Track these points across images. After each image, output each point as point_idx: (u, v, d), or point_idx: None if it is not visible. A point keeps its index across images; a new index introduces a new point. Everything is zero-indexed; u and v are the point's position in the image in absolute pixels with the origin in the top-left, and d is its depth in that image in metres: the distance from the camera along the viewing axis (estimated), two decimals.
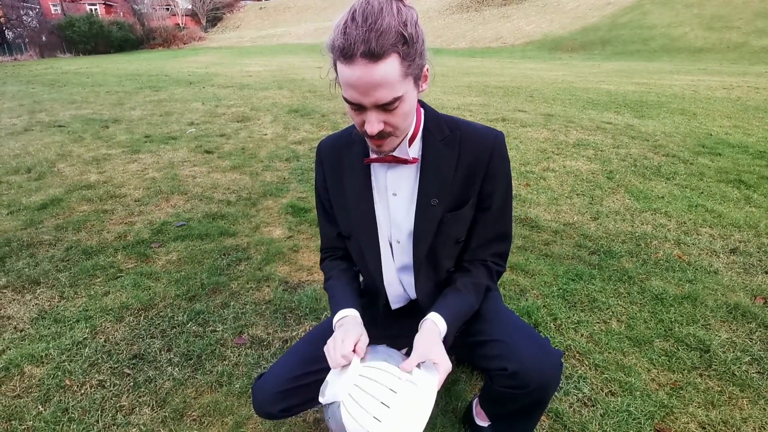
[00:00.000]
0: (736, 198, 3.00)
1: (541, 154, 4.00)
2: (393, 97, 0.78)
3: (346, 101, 0.82)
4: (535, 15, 24.87)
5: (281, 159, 4.07)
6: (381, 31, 0.72)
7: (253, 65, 14.93)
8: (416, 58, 0.78)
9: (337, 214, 1.08)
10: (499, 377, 0.96)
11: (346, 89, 0.80)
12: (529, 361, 0.91)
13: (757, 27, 17.01)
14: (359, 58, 0.73)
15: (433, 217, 0.97)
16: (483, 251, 1.04)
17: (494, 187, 0.98)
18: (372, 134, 0.83)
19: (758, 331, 1.71)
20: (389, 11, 0.73)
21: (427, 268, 1.05)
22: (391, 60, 0.75)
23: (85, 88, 9.22)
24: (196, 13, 42.56)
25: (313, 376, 1.04)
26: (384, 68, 0.74)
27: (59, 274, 2.20)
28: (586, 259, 2.27)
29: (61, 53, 32.36)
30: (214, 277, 2.16)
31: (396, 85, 0.77)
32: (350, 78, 0.77)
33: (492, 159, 0.95)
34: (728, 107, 6.12)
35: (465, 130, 0.97)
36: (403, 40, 0.74)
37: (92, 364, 1.60)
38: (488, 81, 9.27)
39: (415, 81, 0.82)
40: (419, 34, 0.78)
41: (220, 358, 1.63)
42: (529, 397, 0.95)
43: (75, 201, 3.11)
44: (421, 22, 0.80)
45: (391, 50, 0.74)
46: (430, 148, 0.95)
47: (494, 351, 0.97)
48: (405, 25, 0.74)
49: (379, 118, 0.81)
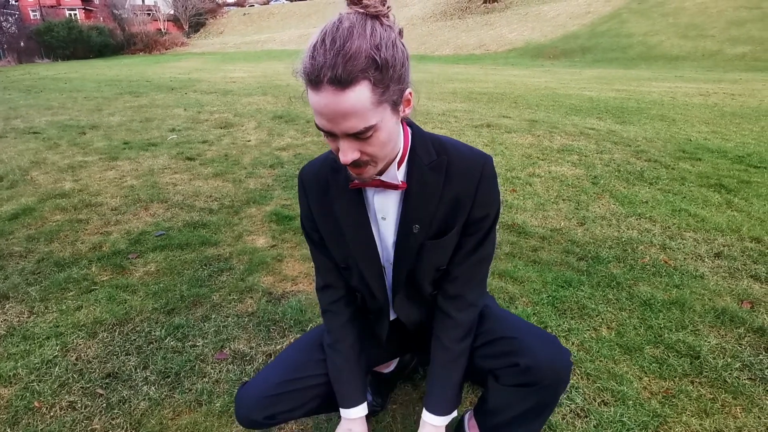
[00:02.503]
0: (718, 202, 3.04)
1: (527, 160, 4.01)
2: (364, 127, 0.73)
3: (318, 128, 0.77)
4: (517, 23, 25.26)
5: (265, 166, 4.00)
6: (349, 55, 0.67)
7: (236, 71, 14.79)
8: (391, 84, 0.72)
9: (330, 244, 1.02)
10: (508, 374, 0.92)
11: (316, 116, 0.75)
12: (542, 356, 0.88)
13: (731, 35, 17.55)
14: (326, 85, 0.68)
15: (413, 243, 0.93)
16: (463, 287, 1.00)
17: (484, 213, 0.94)
18: (347, 163, 0.78)
19: (747, 336, 1.71)
20: (361, 33, 0.68)
21: (407, 290, 1.03)
22: (361, 87, 0.69)
23: (62, 93, 9.00)
24: (178, 18, 42.11)
25: (300, 382, 1.02)
26: (353, 96, 0.69)
27: (29, 287, 2.10)
28: (575, 265, 2.26)
29: (39, 59, 31.62)
30: (195, 288, 2.08)
31: (367, 113, 0.72)
32: (318, 105, 0.72)
33: (480, 187, 0.91)
34: (706, 113, 6.26)
35: (452, 154, 0.92)
36: (374, 65, 0.69)
37: (62, 384, 1.51)
38: (473, 87, 9.33)
39: (394, 107, 0.76)
40: (397, 57, 0.72)
41: (199, 375, 1.55)
42: (538, 396, 0.90)
43: (48, 210, 2.99)
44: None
45: (361, 77, 0.68)
46: (417, 173, 0.90)
47: (502, 348, 0.94)
48: (378, 48, 0.68)
49: (353, 147, 0.76)
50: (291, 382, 1.01)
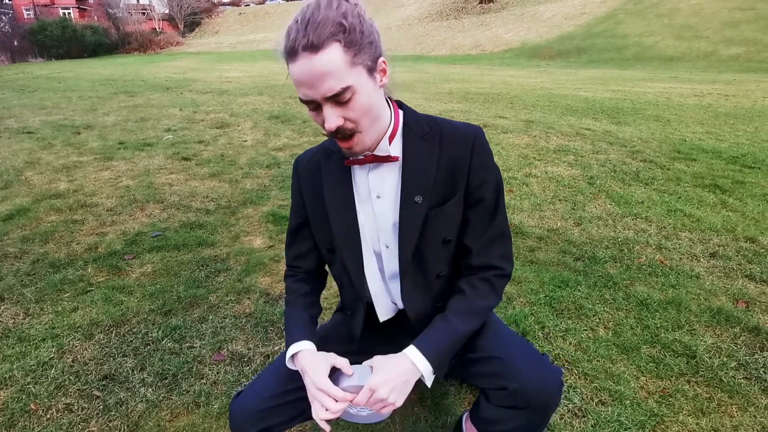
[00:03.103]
0: (713, 202, 3.06)
1: (523, 160, 4.02)
2: (341, 87, 0.77)
3: (302, 101, 0.81)
4: (513, 23, 25.33)
5: (262, 166, 3.99)
6: (318, 23, 0.74)
7: (232, 71, 14.74)
8: (363, 47, 0.78)
9: (316, 229, 1.04)
10: (497, 396, 0.92)
11: (298, 88, 0.80)
12: (530, 381, 0.88)
13: (725, 36, 17.68)
14: (301, 53, 0.75)
15: (417, 215, 0.93)
16: (486, 256, 0.98)
17: (482, 179, 0.94)
18: (331, 130, 0.81)
19: (743, 336, 1.72)
20: (327, 5, 0.75)
21: (414, 272, 1.00)
22: (332, 48, 0.75)
23: (56, 93, 8.93)
24: (173, 17, 41.91)
25: (294, 393, 0.99)
26: (325, 57, 0.75)
27: (24, 289, 2.08)
28: (572, 265, 2.27)
29: (32, 58, 31.38)
30: (192, 289, 2.07)
31: (342, 73, 0.76)
32: (296, 74, 0.77)
33: (474, 152, 0.93)
34: (700, 114, 6.29)
35: (444, 126, 0.95)
36: (342, 29, 0.75)
37: (59, 386, 1.50)
38: (469, 87, 9.35)
39: (369, 73, 0.81)
40: (364, 25, 0.78)
41: (197, 376, 1.54)
42: (529, 417, 0.91)
43: (43, 211, 2.97)
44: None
45: (331, 39, 0.75)
46: (411, 145, 0.93)
47: (492, 369, 0.93)
48: (345, 16, 0.75)
49: (335, 113, 0.80)
50: (284, 394, 0.99)
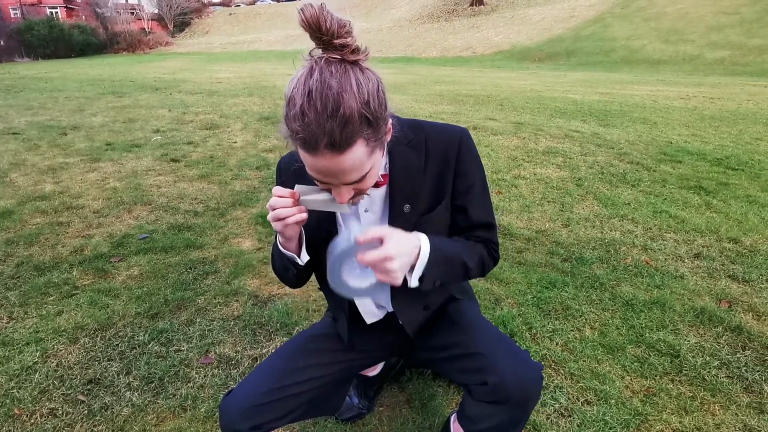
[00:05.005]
0: (697, 204, 3.11)
1: (512, 162, 4.05)
2: (362, 175, 0.76)
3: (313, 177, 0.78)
4: (503, 26, 25.52)
5: (251, 167, 3.97)
6: (344, 120, 0.66)
7: (222, 71, 14.65)
8: (381, 128, 0.74)
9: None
10: (478, 391, 0.94)
11: (311, 171, 0.76)
12: (509, 375, 0.89)
13: (710, 40, 17.99)
14: (323, 150, 0.69)
15: (406, 224, 0.94)
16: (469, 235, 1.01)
17: (468, 181, 0.96)
18: (343, 203, 0.81)
19: (725, 335, 1.75)
20: (349, 89, 0.67)
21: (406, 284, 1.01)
22: (358, 146, 0.71)
23: (43, 93, 8.81)
24: (162, 17, 41.53)
25: (285, 390, 1.00)
26: (351, 156, 0.71)
27: (8, 292, 2.05)
28: (559, 266, 2.29)
29: (19, 58, 30.91)
30: (179, 292, 2.05)
31: (364, 165, 0.75)
32: (315, 167, 0.74)
33: (460, 154, 0.94)
34: (686, 116, 6.40)
35: (429, 130, 0.95)
36: (367, 123, 0.70)
37: (43, 390, 1.48)
38: (459, 89, 9.39)
39: (381, 145, 0.79)
40: (382, 104, 0.72)
41: (184, 380, 1.53)
42: (510, 412, 0.93)
43: (28, 213, 2.92)
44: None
45: (357, 137, 0.70)
46: (397, 154, 0.93)
47: (473, 364, 0.95)
48: (368, 104, 0.68)
49: (348, 189, 0.79)
50: (276, 390, 0.99)
